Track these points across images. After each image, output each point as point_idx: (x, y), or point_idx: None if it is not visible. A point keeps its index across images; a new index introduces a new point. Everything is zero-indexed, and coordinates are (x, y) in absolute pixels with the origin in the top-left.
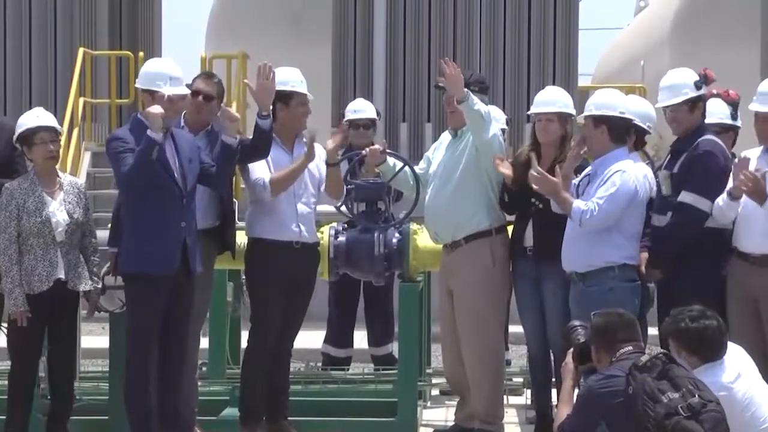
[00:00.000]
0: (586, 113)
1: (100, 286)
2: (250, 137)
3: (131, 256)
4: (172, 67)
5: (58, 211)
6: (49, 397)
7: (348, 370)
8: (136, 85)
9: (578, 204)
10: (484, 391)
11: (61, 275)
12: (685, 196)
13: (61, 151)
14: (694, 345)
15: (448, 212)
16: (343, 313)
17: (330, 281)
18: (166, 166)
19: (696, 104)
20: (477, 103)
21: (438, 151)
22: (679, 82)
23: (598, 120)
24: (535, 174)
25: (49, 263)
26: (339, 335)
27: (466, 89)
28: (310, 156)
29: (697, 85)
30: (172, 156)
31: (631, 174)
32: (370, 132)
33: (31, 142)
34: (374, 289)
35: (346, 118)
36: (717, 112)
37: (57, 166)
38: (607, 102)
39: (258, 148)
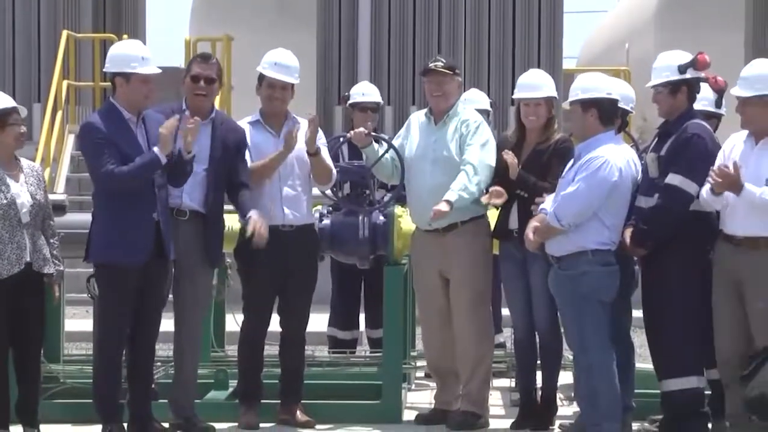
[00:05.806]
0: (572, 98)
1: (61, 268)
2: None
3: (101, 246)
4: (141, 48)
5: (22, 192)
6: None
7: (354, 352)
8: (108, 70)
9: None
10: (479, 373)
11: (28, 258)
12: (672, 179)
13: (44, 133)
14: None
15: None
16: (346, 295)
17: (331, 264)
18: (137, 153)
19: (678, 88)
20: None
21: (412, 135)
22: (663, 64)
23: (588, 103)
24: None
25: (17, 246)
26: (344, 317)
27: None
28: (288, 148)
29: (681, 69)
30: (143, 142)
31: (610, 162)
32: (376, 115)
33: (5, 123)
34: (373, 272)
35: (351, 101)
36: (701, 98)
37: (42, 148)
38: (594, 85)
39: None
